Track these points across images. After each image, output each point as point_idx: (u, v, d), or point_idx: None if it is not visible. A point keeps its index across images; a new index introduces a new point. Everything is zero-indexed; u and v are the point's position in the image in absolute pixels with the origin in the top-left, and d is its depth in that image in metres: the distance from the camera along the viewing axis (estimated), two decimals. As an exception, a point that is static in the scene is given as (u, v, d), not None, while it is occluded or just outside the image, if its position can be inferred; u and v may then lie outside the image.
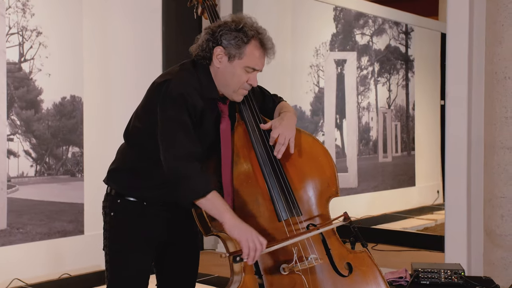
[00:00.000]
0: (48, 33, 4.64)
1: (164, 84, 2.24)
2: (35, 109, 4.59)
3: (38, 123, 4.60)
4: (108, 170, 2.43)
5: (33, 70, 4.57)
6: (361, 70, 7.86)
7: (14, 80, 4.47)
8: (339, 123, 7.55)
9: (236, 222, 2.16)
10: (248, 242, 2.14)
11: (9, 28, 4.44)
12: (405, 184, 8.59)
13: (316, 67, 7.22)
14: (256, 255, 2.15)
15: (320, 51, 7.27)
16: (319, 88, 7.26)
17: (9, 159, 4.46)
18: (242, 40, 2.26)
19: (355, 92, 7.77)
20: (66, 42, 4.75)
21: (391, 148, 8.40)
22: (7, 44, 4.43)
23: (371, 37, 8.03)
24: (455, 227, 4.37)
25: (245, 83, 2.30)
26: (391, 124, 8.40)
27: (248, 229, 2.17)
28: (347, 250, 2.44)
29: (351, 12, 7.69)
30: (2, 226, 4.41)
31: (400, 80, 8.57)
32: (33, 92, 4.58)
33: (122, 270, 2.33)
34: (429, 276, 3.19)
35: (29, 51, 4.55)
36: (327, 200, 2.48)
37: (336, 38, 7.50)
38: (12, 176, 4.47)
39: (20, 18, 4.49)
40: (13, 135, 4.48)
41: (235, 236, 2.16)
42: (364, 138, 7.94)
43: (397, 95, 8.51)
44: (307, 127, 7.10)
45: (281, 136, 2.35)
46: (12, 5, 4.45)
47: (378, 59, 8.14)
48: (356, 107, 7.80)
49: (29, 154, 4.57)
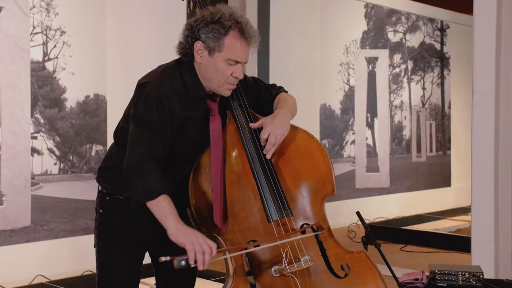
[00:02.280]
0: (71, 32, 4.68)
1: (143, 86, 2.20)
2: (58, 107, 4.64)
3: (62, 122, 4.65)
4: (98, 168, 2.42)
5: (57, 69, 4.62)
6: (393, 68, 7.72)
7: (38, 79, 4.53)
8: (371, 122, 7.43)
9: (179, 226, 2.08)
10: (193, 245, 2.03)
11: (33, 28, 4.49)
12: (440, 184, 8.41)
13: (346, 65, 7.12)
14: (205, 258, 2.04)
15: (351, 49, 7.16)
16: (349, 87, 7.17)
17: (33, 157, 4.51)
18: (219, 31, 2.15)
19: (387, 90, 7.64)
20: (90, 41, 4.79)
21: (425, 147, 8.23)
22: (31, 43, 4.49)
23: (404, 34, 7.88)
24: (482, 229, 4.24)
25: (230, 76, 2.20)
26: (425, 123, 8.23)
27: (193, 233, 2.08)
28: (344, 251, 2.34)
29: (383, 9, 7.56)
30: (26, 223, 4.48)
31: (435, 78, 8.39)
32: (56, 91, 4.63)
33: (111, 267, 2.31)
34: (446, 278, 3.08)
35: (53, 50, 4.60)
36: (323, 199, 2.37)
37: (367, 35, 7.39)
38: (36, 174, 4.53)
39: (44, 17, 4.55)
40: (37, 133, 4.53)
41: (179, 241, 2.06)
42: (397, 137, 7.81)
43: (431, 93, 8.33)
44: (337, 125, 7.02)
45: (272, 135, 2.26)
46: (36, 4, 4.50)
47: (411, 57, 7.99)
48: (388, 106, 7.67)
49: (53, 152, 4.62)
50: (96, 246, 2.34)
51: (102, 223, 2.34)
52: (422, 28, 8.15)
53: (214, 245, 2.07)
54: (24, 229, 4.46)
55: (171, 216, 2.09)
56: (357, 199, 7.19)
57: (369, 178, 7.38)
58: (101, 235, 2.34)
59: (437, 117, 8.44)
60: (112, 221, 2.33)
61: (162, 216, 2.10)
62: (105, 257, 2.33)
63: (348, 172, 7.15)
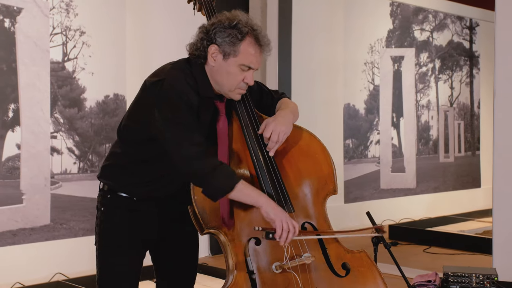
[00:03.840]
0: (91, 32, 4.73)
1: (158, 84, 2.19)
2: (78, 107, 4.69)
3: (81, 121, 4.70)
4: (101, 166, 2.43)
5: (76, 69, 4.67)
6: (420, 67, 7.61)
7: (57, 79, 4.58)
8: (396, 121, 7.34)
9: (272, 204, 2.19)
10: (282, 222, 2.15)
11: (52, 28, 4.55)
12: (469, 185, 8.25)
13: (371, 64, 7.04)
14: (289, 237, 2.16)
15: (375, 47, 7.08)
16: (374, 86, 7.08)
17: (53, 156, 4.57)
18: (236, 37, 2.19)
19: (413, 89, 7.53)
20: (109, 41, 4.83)
21: (453, 148, 8.09)
22: (51, 43, 4.55)
23: (431, 33, 7.76)
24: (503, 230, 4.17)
25: (241, 82, 2.24)
26: (453, 123, 8.09)
27: (284, 212, 2.20)
28: (344, 250, 2.39)
29: (409, 7, 7.46)
30: (46, 222, 4.53)
31: (464, 77, 8.24)
32: (76, 91, 4.68)
33: (111, 265, 2.32)
34: (460, 280, 3.02)
35: (73, 51, 4.65)
36: (324, 198, 2.43)
37: (393, 34, 7.30)
38: (56, 173, 4.58)
39: (63, 18, 4.60)
40: (57, 132, 4.59)
41: (271, 217, 2.17)
42: (423, 137, 7.69)
43: (460, 92, 8.19)
44: (361, 125, 6.94)
45: (274, 133, 2.29)
46: (56, 5, 4.56)
47: (439, 56, 7.86)
48: (414, 105, 7.56)
49: (72, 152, 4.67)
50: (97, 244, 2.35)
51: (103, 221, 2.35)
52: (450, 26, 8.01)
53: (297, 225, 2.20)
54: (44, 227, 4.51)
55: (260, 197, 2.20)
56: (382, 199, 7.10)
57: (395, 178, 7.29)
58: (101, 234, 2.35)
59: (465, 117, 8.28)
60: (113, 219, 2.34)
61: (251, 199, 2.20)
62: (105, 256, 2.33)
63: (373, 173, 7.07)
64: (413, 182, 7.51)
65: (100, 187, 2.40)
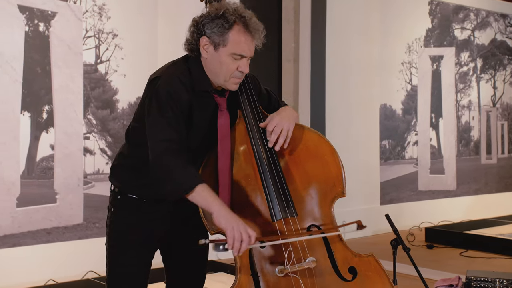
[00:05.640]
0: (123, 35, 4.81)
1: (152, 83, 2.24)
2: (110, 108, 4.78)
3: (114, 122, 4.78)
4: (110, 167, 2.47)
5: (108, 71, 4.76)
6: (460, 66, 7.46)
7: (90, 81, 4.68)
8: (435, 122, 7.21)
9: (224, 212, 2.10)
10: (233, 231, 2.07)
11: (86, 32, 4.65)
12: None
13: (409, 64, 6.94)
14: (242, 246, 2.07)
15: (413, 47, 6.97)
16: (411, 86, 6.98)
17: (86, 156, 4.67)
18: (223, 26, 2.19)
19: (453, 89, 7.39)
20: (141, 43, 4.90)
21: (496, 149, 7.90)
22: (84, 46, 4.65)
23: (473, 31, 7.60)
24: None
25: (236, 71, 2.23)
26: (496, 123, 7.90)
27: (236, 220, 2.10)
28: (352, 254, 2.32)
29: (449, 5, 7.32)
30: (79, 221, 4.63)
31: (508, 77, 8.03)
32: (108, 93, 4.77)
33: (120, 266, 2.35)
34: (482, 285, 2.95)
35: (105, 53, 4.74)
36: (332, 200, 2.37)
37: (432, 33, 7.17)
38: (88, 173, 4.68)
39: (96, 21, 4.69)
40: (89, 133, 4.69)
41: (222, 226, 2.09)
42: (464, 138, 7.53)
43: (503, 92, 7.99)
44: (398, 126, 6.85)
45: (277, 127, 2.29)
46: (89, 9, 4.66)
47: (480, 55, 7.69)
48: (454, 106, 7.41)
49: (105, 152, 4.76)
50: (107, 244, 2.39)
51: (113, 222, 2.39)
52: (493, 24, 7.83)
53: (254, 234, 2.10)
54: (77, 226, 4.62)
55: (215, 202, 2.12)
56: (419, 201, 6.99)
57: (433, 180, 7.16)
58: (111, 234, 2.38)
59: (509, 117, 8.07)
60: (122, 220, 2.37)
61: (206, 204, 2.13)
62: (115, 256, 2.37)
63: (410, 174, 6.96)
64: (453, 184, 7.36)
65: (111, 188, 2.44)
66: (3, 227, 4.29)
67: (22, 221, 4.38)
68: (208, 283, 2.63)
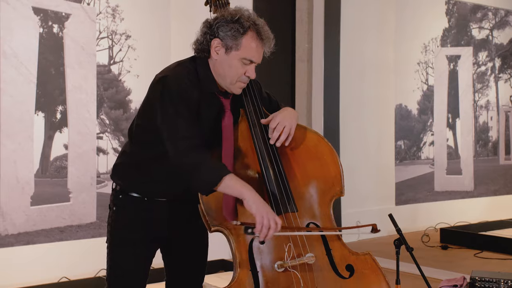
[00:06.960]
0: (136, 36, 4.87)
1: (161, 82, 2.27)
2: (123, 109, 4.84)
3: (127, 122, 4.84)
4: (113, 166, 2.50)
5: (122, 72, 4.82)
6: (478, 66, 7.39)
7: (103, 82, 4.74)
8: (452, 122, 7.15)
9: (255, 198, 2.17)
10: (263, 218, 2.14)
11: (99, 33, 4.71)
12: (532, 188, 7.94)
13: (425, 64, 6.89)
14: (269, 233, 2.15)
15: (430, 47, 6.93)
16: (427, 86, 6.93)
17: (99, 156, 4.74)
18: (238, 31, 2.26)
19: (470, 89, 7.32)
20: (154, 44, 4.96)
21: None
22: (97, 47, 4.71)
23: (491, 31, 7.52)
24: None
25: (243, 75, 2.29)
26: (515, 123, 7.81)
27: (266, 207, 2.18)
28: (349, 252, 2.39)
29: (466, 5, 7.26)
30: (92, 219, 4.70)
31: (527, 77, 7.93)
32: (121, 93, 4.83)
33: (120, 264, 2.39)
34: (487, 286, 2.93)
35: (118, 54, 4.80)
36: (330, 199, 2.44)
37: (449, 33, 7.12)
38: (101, 172, 4.75)
39: (110, 22, 4.76)
40: (102, 133, 4.75)
41: (252, 211, 2.16)
42: (482, 138, 7.46)
43: (523, 92, 7.89)
44: (414, 126, 6.81)
45: (280, 125, 2.35)
46: (103, 10, 4.72)
47: (499, 54, 7.60)
48: (472, 106, 7.34)
49: (117, 152, 4.80)
50: (108, 243, 2.43)
51: (114, 220, 2.43)
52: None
53: (280, 222, 2.18)
54: (90, 224, 4.68)
55: (245, 189, 2.18)
56: (436, 202, 6.94)
57: (450, 180, 7.11)
58: (112, 232, 2.42)
59: (529, 117, 7.98)
60: (124, 219, 2.42)
61: (237, 192, 2.20)
62: (115, 254, 2.41)
63: (426, 175, 6.91)
64: (470, 184, 7.30)
65: (112, 186, 2.48)
66: (17, 225, 4.37)
67: (36, 219, 4.46)
68: (215, 281, 2.66)
